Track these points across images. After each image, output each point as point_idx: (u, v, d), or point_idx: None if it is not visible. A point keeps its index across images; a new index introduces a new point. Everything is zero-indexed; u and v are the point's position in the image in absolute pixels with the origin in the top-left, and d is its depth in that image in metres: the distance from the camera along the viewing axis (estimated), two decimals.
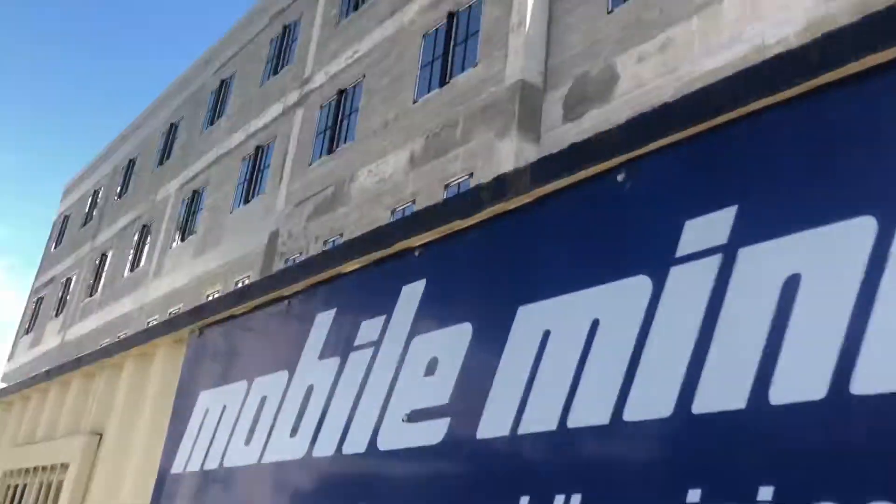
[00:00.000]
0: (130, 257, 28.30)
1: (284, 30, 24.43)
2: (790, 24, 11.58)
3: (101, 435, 3.37)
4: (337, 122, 20.39)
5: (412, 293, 1.97)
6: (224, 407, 2.53)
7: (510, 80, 15.21)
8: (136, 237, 28.59)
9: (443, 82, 17.09)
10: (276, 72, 24.12)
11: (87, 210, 34.37)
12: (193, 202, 25.68)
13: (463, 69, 16.69)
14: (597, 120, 13.82)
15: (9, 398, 4.50)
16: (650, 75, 13.48)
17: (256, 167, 23.11)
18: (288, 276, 2.47)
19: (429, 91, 17.41)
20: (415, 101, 17.70)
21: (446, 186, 15.86)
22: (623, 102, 13.69)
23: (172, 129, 29.25)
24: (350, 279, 2.21)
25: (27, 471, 3.80)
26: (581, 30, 15.09)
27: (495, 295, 1.78)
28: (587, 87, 14.56)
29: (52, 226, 38.29)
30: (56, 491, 3.44)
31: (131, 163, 31.77)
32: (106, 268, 30.01)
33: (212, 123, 26.54)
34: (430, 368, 1.82)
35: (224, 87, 26.79)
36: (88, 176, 36.10)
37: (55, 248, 36.41)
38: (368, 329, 2.05)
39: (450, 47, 17.39)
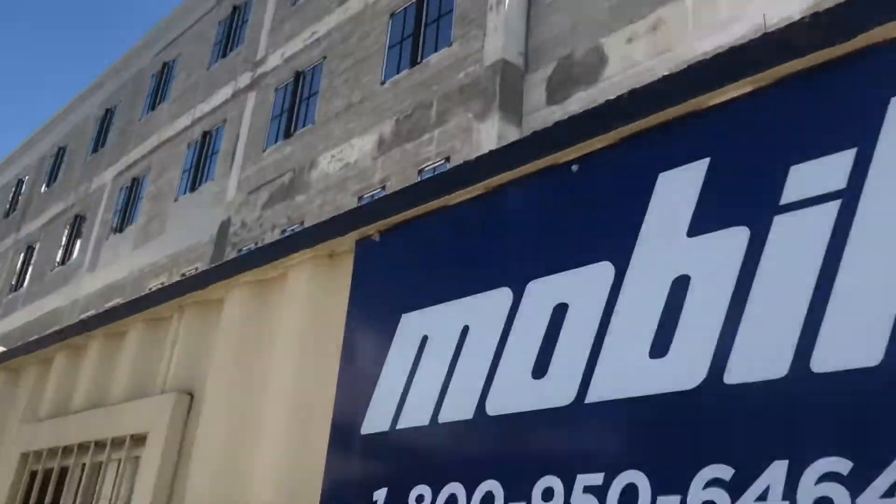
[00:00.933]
0: (61, 250, 26.49)
1: (234, 10, 23.22)
2: (795, 2, 11.21)
3: (192, 395, 2.49)
4: (294, 105, 19.37)
5: None
6: (465, 329, 1.72)
7: (490, 60, 14.53)
8: (66, 228, 26.79)
9: (413, 63, 16.30)
10: (224, 54, 22.90)
11: (10, 200, 32.17)
12: (133, 191, 24.17)
13: (436, 49, 15.94)
14: (584, 102, 13.26)
15: (20, 360, 3.52)
16: (641, 56, 13.00)
17: (204, 153, 21.85)
18: (572, 129, 1.67)
19: (398, 72, 16.60)
20: (382, 83, 16.86)
21: (420, 171, 15.05)
22: (612, 84, 13.15)
23: (108, 115, 27.55)
24: (735, 108, 1.43)
25: (67, 450, 2.86)
26: (564, 9, 14.54)
27: None
28: (572, 69, 14.00)
29: None
30: (125, 472, 2.54)
31: (61, 151, 29.83)
32: (33, 261, 28.05)
33: (153, 108, 25.06)
34: None
35: (167, 70, 25.35)
36: (11, 165, 33.84)
37: None
38: (815, 175, 1.27)
39: (421, 27, 16.60)
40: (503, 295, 1.66)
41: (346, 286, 2.10)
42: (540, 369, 1.54)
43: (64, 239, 26.68)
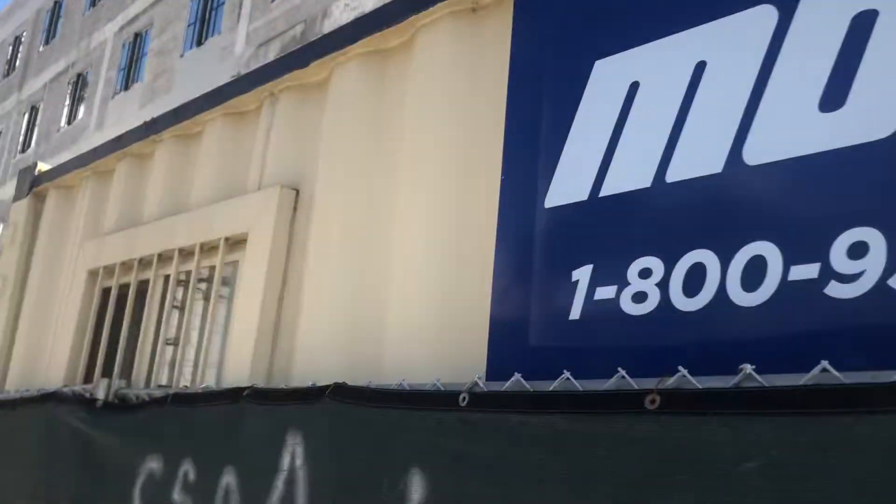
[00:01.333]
0: (66, 109, 25.81)
1: None
2: None
3: (296, 190, 2.15)
4: None
5: None
6: (700, 66, 1.34)
7: None
8: (70, 87, 25.99)
9: None
10: None
11: (8, 59, 31.13)
12: (136, 47, 23.23)
13: None
14: None
15: (73, 176, 3.18)
16: None
17: (209, 5, 20.81)
18: None
19: None
20: None
21: None
22: None
23: None
24: None
25: (144, 262, 2.56)
26: None
27: None
28: None
29: None
30: (220, 278, 2.24)
31: (57, 5, 28.57)
32: (38, 122, 27.40)
33: None
34: None
35: None
36: (4, 22, 32.54)
37: None
38: None
39: None
40: (762, 14, 1.28)
41: (500, 41, 1.71)
42: (832, 99, 1.18)
43: (68, 98, 25.95)
